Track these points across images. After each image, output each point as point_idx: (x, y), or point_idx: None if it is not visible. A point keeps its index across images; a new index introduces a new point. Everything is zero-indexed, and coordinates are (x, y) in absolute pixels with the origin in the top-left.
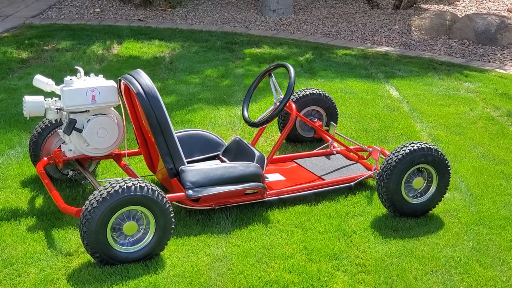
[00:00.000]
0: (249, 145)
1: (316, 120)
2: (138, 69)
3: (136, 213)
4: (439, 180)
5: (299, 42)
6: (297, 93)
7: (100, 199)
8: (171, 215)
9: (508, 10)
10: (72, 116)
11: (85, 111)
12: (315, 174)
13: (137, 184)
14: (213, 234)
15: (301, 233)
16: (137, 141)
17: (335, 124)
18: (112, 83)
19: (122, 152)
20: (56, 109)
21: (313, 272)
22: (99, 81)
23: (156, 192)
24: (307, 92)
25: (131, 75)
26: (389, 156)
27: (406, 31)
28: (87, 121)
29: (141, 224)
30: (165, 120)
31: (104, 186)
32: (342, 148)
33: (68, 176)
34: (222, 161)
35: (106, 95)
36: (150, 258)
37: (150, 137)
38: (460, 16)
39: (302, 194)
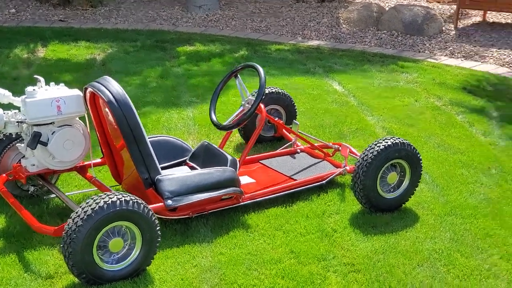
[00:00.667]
0: (219, 149)
1: (277, 119)
2: (106, 76)
3: (120, 229)
4: (412, 174)
5: (230, 38)
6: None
7: (85, 216)
8: (157, 228)
9: (427, 1)
10: (36, 129)
11: (50, 123)
12: (284, 175)
13: (121, 198)
14: (195, 244)
15: (283, 236)
16: (101, 151)
17: (297, 123)
18: (77, 91)
19: (86, 163)
20: (17, 122)
21: (305, 275)
22: (63, 91)
23: (142, 205)
24: (266, 91)
25: (99, 82)
26: (363, 153)
27: (335, 24)
28: (52, 134)
29: (126, 240)
30: (138, 128)
31: (87, 203)
32: (306, 146)
33: (30, 192)
34: (190, 166)
35: (72, 105)
36: (137, 275)
37: (116, 146)
38: (385, 8)
39: (276, 196)
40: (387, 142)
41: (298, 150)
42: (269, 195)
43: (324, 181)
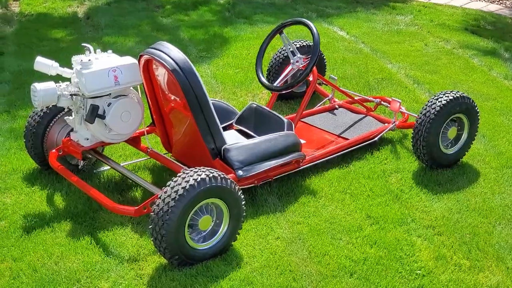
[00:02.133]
0: (271, 111)
1: None
2: (163, 42)
3: (207, 206)
4: (470, 128)
5: None
6: (282, 49)
7: (177, 196)
8: (243, 202)
9: None
10: (92, 101)
11: (106, 95)
12: (332, 133)
13: (210, 174)
14: (268, 214)
15: (352, 199)
16: (152, 120)
17: (335, 77)
18: (132, 60)
19: (135, 134)
20: (71, 95)
21: (392, 242)
22: (118, 59)
23: (229, 180)
24: (297, 45)
25: (157, 49)
26: (424, 109)
27: None
28: (108, 105)
29: (212, 217)
30: (204, 97)
31: (175, 181)
32: (344, 101)
33: (80, 166)
34: (238, 130)
35: (129, 74)
36: (226, 251)
37: (168, 114)
38: None
39: (333, 157)
40: (448, 97)
41: (337, 106)
42: (327, 156)
43: (376, 138)
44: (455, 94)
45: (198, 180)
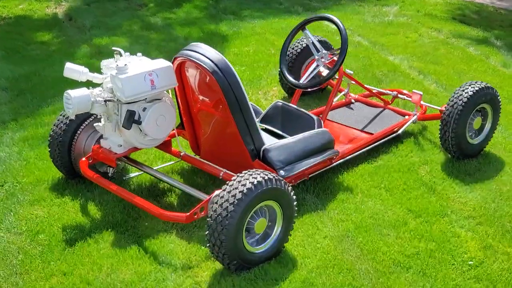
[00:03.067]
0: (300, 109)
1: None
2: (198, 43)
3: (261, 208)
4: (494, 117)
5: None
6: (298, 43)
7: (235, 200)
8: (295, 203)
9: None
10: (127, 107)
11: (142, 100)
12: (356, 128)
13: (264, 176)
14: (310, 212)
15: (388, 194)
16: (181, 122)
17: (351, 72)
18: (167, 62)
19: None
20: (105, 101)
21: (438, 235)
22: (152, 63)
23: (283, 181)
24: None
25: (192, 50)
26: (451, 101)
27: None
28: (144, 110)
29: (266, 219)
30: (244, 98)
31: (230, 185)
32: (359, 95)
33: (109, 174)
34: (263, 129)
35: (165, 78)
36: (279, 254)
37: (199, 116)
38: None
39: (360, 152)
40: (474, 88)
41: (353, 100)
42: (355, 152)
43: (400, 131)
44: (480, 84)
45: (255, 183)
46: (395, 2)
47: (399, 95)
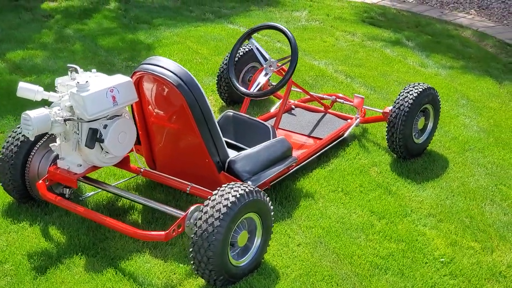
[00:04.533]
0: (252, 118)
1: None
2: (157, 56)
3: (242, 221)
4: (435, 117)
5: None
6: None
7: (220, 215)
8: (272, 213)
9: None
10: (88, 125)
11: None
12: (303, 134)
13: (244, 189)
14: (279, 221)
15: (348, 197)
16: (138, 137)
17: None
18: (126, 78)
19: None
20: (64, 120)
21: (406, 235)
22: (111, 79)
23: (261, 193)
24: (247, 49)
25: (153, 64)
26: (397, 103)
27: None
28: (105, 128)
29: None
30: (209, 110)
31: (212, 200)
32: (296, 101)
33: (66, 195)
34: None
35: (126, 93)
36: (259, 266)
37: (157, 131)
38: None
39: (315, 157)
40: (417, 89)
41: (293, 106)
42: (309, 157)
43: (346, 134)
44: (422, 86)
45: (237, 196)
46: (303, 7)
47: (337, 100)
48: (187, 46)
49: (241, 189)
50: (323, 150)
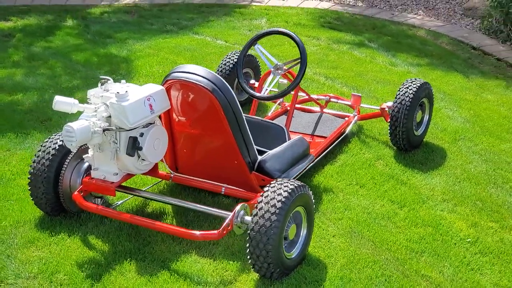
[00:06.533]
0: (265, 120)
1: (252, 81)
2: (182, 64)
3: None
4: (430, 109)
5: (46, 7)
6: (228, 57)
7: (276, 210)
8: (314, 206)
9: None
10: (129, 133)
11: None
12: (307, 134)
13: (293, 183)
14: None
15: (364, 189)
16: None
17: (285, 81)
18: (159, 86)
19: None
20: (104, 130)
21: (429, 220)
22: (145, 87)
23: (307, 187)
24: (235, 59)
25: (184, 71)
26: (398, 98)
27: None
28: (141, 136)
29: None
30: (241, 113)
31: (265, 196)
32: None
33: (100, 204)
34: None
35: (161, 102)
36: (305, 257)
37: (184, 135)
38: None
39: (325, 153)
40: (416, 84)
41: (288, 108)
42: (321, 154)
43: (347, 131)
44: (419, 81)
45: (289, 191)
46: (260, 15)
47: (331, 99)
48: (163, 57)
49: (291, 185)
50: (330, 148)
